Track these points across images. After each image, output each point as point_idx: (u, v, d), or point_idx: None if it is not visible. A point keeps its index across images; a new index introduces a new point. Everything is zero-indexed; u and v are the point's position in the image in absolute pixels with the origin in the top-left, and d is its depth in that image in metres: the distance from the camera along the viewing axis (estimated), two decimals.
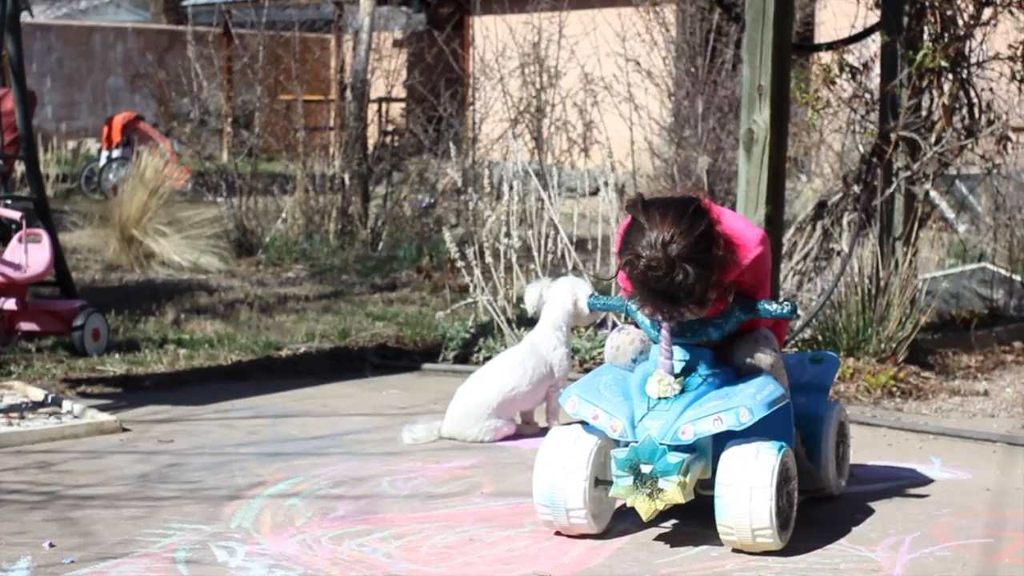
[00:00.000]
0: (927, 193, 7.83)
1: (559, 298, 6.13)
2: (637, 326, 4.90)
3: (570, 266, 8.08)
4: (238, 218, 12.41)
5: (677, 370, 4.60)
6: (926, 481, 5.46)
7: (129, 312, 9.02)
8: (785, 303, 4.74)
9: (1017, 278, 9.36)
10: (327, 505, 5.05)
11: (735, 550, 4.51)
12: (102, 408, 6.48)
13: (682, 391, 4.57)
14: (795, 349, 7.19)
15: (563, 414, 5.92)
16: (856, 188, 7.77)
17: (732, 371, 4.71)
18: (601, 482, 4.64)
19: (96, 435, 6.11)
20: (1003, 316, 8.92)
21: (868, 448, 5.97)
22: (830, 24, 10.52)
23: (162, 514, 4.92)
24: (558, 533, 4.70)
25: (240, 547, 4.55)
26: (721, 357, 4.74)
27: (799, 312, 7.56)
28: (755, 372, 4.69)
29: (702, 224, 4.40)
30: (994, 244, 10.59)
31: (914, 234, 7.60)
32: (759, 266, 4.75)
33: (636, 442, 4.49)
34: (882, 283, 7.48)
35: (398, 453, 5.88)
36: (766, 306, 4.73)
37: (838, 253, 7.82)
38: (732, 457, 4.50)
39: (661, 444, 4.46)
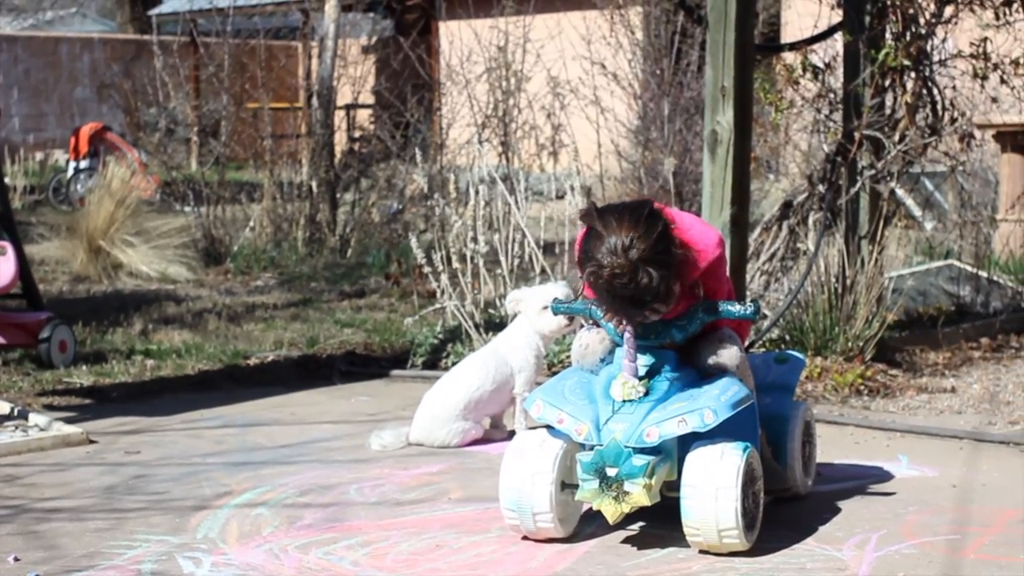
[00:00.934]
0: (892, 191, 7.85)
1: (529, 303, 6.14)
2: None
3: (538, 270, 8.08)
4: (206, 227, 12.38)
5: (641, 373, 4.61)
6: (893, 479, 5.48)
7: (96, 323, 8.99)
8: (748, 304, 4.74)
9: (984, 275, 9.40)
10: (294, 514, 5.04)
11: (702, 551, 4.51)
12: (69, 420, 6.46)
13: (647, 394, 4.57)
14: (763, 349, 7.20)
15: (529, 418, 5.93)
16: (821, 187, 7.79)
17: (696, 373, 4.72)
18: (567, 486, 4.64)
19: (62, 447, 6.09)
20: (970, 313, 8.96)
21: (835, 447, 5.99)
22: (795, 24, 10.56)
23: (128, 526, 4.90)
24: (525, 538, 4.69)
25: (206, 558, 4.54)
26: (685, 359, 4.75)
27: (766, 312, 7.60)
28: (719, 373, 4.70)
29: (659, 225, 4.41)
30: (960, 241, 10.64)
31: (880, 232, 7.62)
32: (718, 267, 4.75)
33: (601, 445, 4.49)
34: (848, 282, 7.49)
35: (366, 460, 5.87)
36: (729, 307, 4.73)
37: (804, 252, 7.84)
38: (697, 458, 4.50)
39: (626, 447, 4.46)
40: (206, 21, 15.55)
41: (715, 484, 4.43)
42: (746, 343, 5.31)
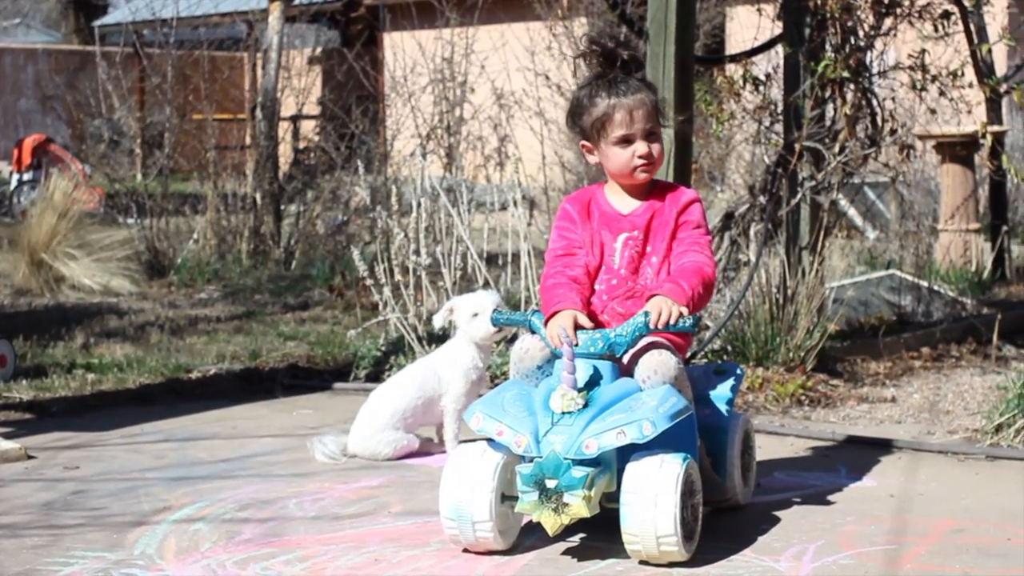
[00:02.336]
0: (833, 202, 7.90)
1: (460, 310, 6.13)
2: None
3: (480, 282, 8.09)
4: (149, 239, 12.33)
5: (580, 384, 4.61)
6: (832, 489, 5.50)
7: (38, 337, 8.93)
8: (687, 317, 4.76)
9: (925, 284, 9.47)
10: (233, 529, 5.02)
11: (641, 562, 4.52)
12: (7, 436, 6.40)
13: (586, 405, 4.58)
14: (705, 360, 7.22)
15: (465, 430, 5.93)
16: (762, 199, 7.83)
17: (636, 384, 4.73)
18: (508, 498, 4.64)
19: (0, 463, 6.03)
20: (911, 322, 9.02)
21: (775, 457, 6.01)
22: (739, 36, 10.61)
23: (65, 542, 4.86)
24: (465, 550, 4.69)
25: (143, 574, 4.51)
26: (624, 370, 4.77)
27: (707, 323, 7.63)
28: (658, 385, 4.71)
29: None
30: (902, 251, 10.72)
31: (820, 243, 7.66)
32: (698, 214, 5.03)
33: (541, 457, 4.50)
34: (790, 292, 7.53)
35: (306, 474, 5.85)
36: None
37: (746, 263, 7.87)
38: (637, 467, 4.51)
39: (565, 459, 4.46)
40: (151, 32, 15.50)
41: (654, 491, 4.44)
42: (687, 354, 5.32)
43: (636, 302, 4.88)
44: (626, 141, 4.91)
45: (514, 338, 7.60)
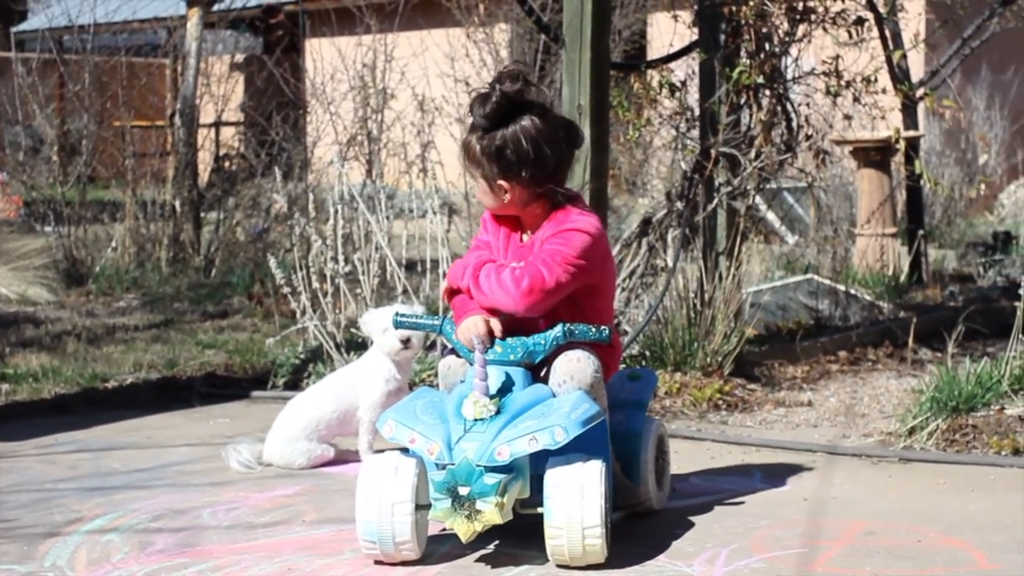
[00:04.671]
0: (749, 207, 7.94)
1: (372, 324, 6.12)
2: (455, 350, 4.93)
3: (399, 289, 8.07)
4: (67, 248, 12.21)
5: (493, 391, 4.62)
6: (746, 493, 5.53)
7: None
8: (603, 328, 4.81)
9: (842, 288, 9.55)
10: (145, 539, 4.98)
11: (559, 565, 4.52)
12: None
13: (498, 412, 4.58)
14: (623, 365, 7.24)
15: (379, 439, 5.92)
16: (679, 204, 7.86)
17: (549, 391, 4.74)
18: (420, 506, 4.63)
19: None
20: (828, 326, 9.09)
21: (692, 462, 6.04)
22: (660, 41, 10.66)
23: None
24: (379, 562, 4.67)
25: None
26: (538, 377, 4.78)
27: (626, 328, 7.65)
28: (573, 390, 4.72)
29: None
30: (819, 256, 10.80)
31: (737, 248, 7.70)
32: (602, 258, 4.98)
33: (453, 464, 4.50)
34: (707, 297, 7.57)
35: (221, 484, 5.81)
36: (584, 330, 4.79)
37: (663, 269, 7.90)
38: (559, 463, 4.54)
39: (478, 466, 4.47)
40: (69, 38, 15.36)
41: (580, 483, 4.45)
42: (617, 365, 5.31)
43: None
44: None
45: (433, 346, 7.62)
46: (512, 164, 4.80)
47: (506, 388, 4.65)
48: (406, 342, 5.99)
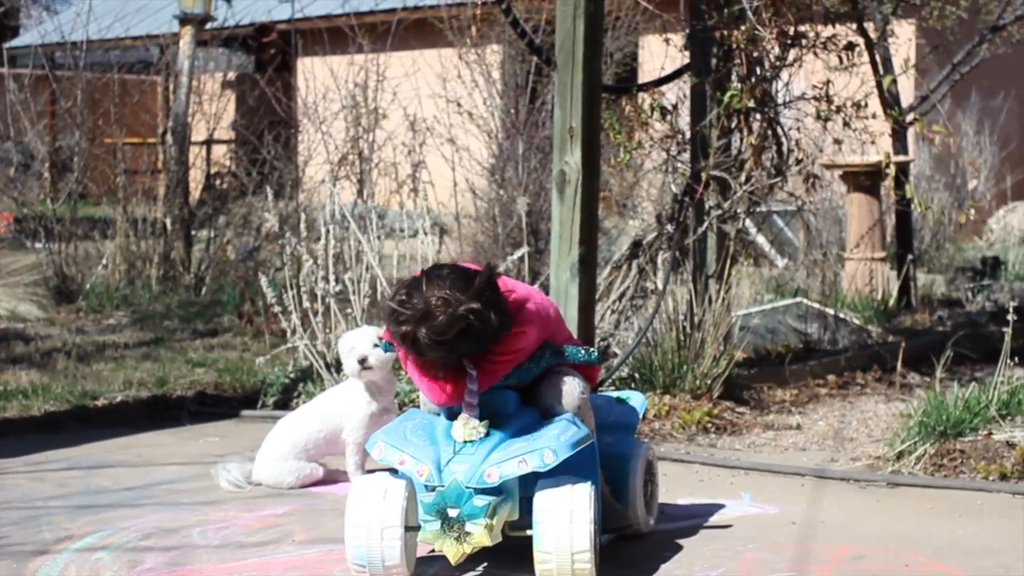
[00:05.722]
0: (739, 231, 7.97)
1: (341, 347, 6.12)
2: None
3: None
4: (57, 264, 12.20)
5: (482, 414, 4.63)
6: (735, 516, 5.55)
7: None
8: (592, 350, 4.85)
9: (831, 312, 9.57)
10: (135, 558, 4.98)
11: None
12: None
13: (488, 434, 4.60)
14: (613, 387, 7.26)
15: (368, 459, 5.94)
16: (670, 227, 7.88)
17: (538, 413, 4.76)
18: (409, 528, 4.64)
19: None
20: (817, 350, 9.11)
21: (680, 485, 6.05)
22: (651, 64, 10.70)
23: None
24: None
25: None
26: (527, 399, 4.80)
27: (615, 350, 7.67)
28: (562, 413, 4.74)
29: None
30: (808, 279, 10.82)
31: (726, 271, 7.73)
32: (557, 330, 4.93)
33: (443, 486, 4.51)
34: (697, 320, 7.59)
35: (211, 502, 5.82)
36: (574, 352, 4.82)
37: (653, 291, 7.92)
38: (548, 487, 4.56)
39: (467, 488, 4.48)
40: (62, 55, 15.37)
41: (569, 507, 4.47)
42: (596, 384, 5.35)
43: None
44: None
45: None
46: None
47: (496, 411, 4.67)
48: (363, 362, 5.98)
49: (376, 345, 5.87)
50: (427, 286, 4.52)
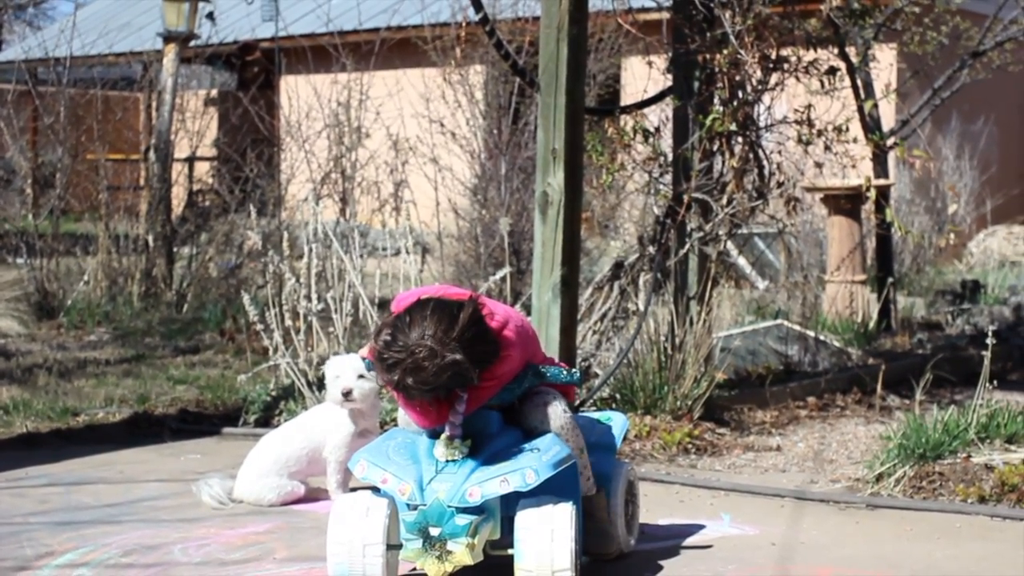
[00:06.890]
0: (720, 253, 8.00)
1: (327, 372, 6.14)
2: None
3: (372, 328, 8.08)
4: (39, 280, 12.20)
5: (464, 433, 4.65)
6: (715, 537, 5.56)
7: None
8: (574, 370, 4.89)
9: (811, 334, 9.61)
10: (116, 574, 4.99)
11: None
12: None
13: (470, 454, 4.62)
14: (594, 408, 7.28)
15: (351, 478, 5.97)
16: (651, 248, 7.92)
17: (521, 433, 4.78)
18: (391, 546, 4.66)
19: None
20: (798, 372, 9.14)
21: (661, 506, 6.07)
22: (634, 86, 10.75)
23: None
24: None
25: None
26: (509, 418, 4.82)
27: (597, 371, 7.70)
28: (545, 433, 4.77)
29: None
30: (789, 301, 10.86)
31: (708, 293, 7.76)
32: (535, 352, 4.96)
33: (425, 505, 4.53)
34: (678, 341, 7.62)
35: (193, 519, 5.82)
36: (556, 372, 4.85)
37: (635, 312, 7.95)
38: (530, 506, 4.59)
39: (449, 507, 4.50)
40: (44, 71, 15.39)
41: (551, 525, 4.50)
42: (576, 402, 5.39)
43: None
44: None
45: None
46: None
47: (478, 430, 4.69)
48: (347, 394, 6.00)
49: (362, 376, 5.91)
50: (411, 326, 4.51)
